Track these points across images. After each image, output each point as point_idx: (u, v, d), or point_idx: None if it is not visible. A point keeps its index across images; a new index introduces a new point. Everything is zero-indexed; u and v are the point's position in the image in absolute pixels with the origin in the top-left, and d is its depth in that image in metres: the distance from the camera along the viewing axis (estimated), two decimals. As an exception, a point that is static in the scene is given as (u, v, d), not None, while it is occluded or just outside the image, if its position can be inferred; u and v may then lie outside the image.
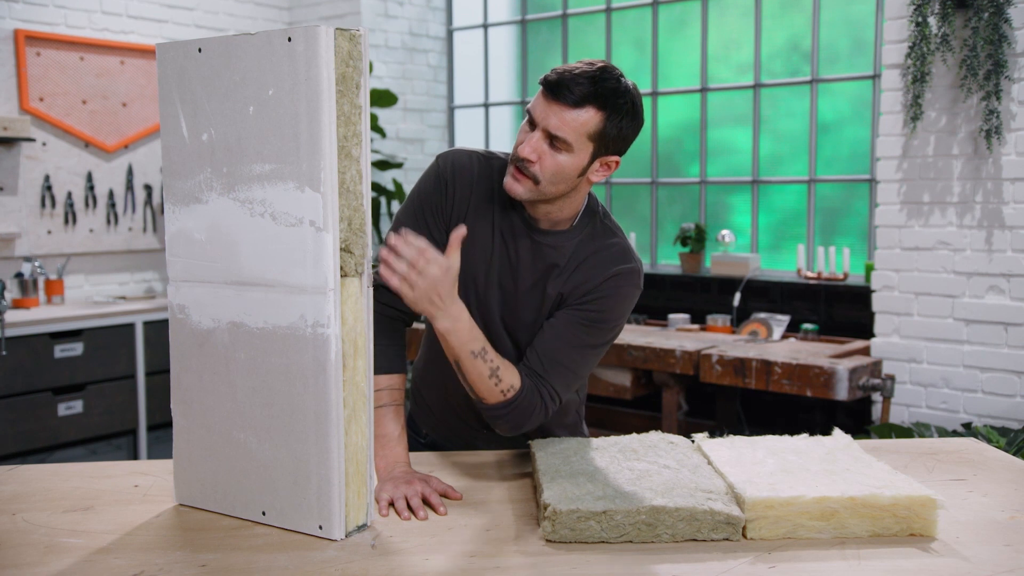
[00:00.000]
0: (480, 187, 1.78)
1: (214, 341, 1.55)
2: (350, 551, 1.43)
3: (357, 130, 1.47)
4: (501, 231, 1.78)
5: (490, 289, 1.80)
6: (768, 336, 4.23)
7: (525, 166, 1.65)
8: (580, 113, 1.61)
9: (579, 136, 1.62)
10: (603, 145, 1.65)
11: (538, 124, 1.63)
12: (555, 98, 1.61)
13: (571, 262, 1.77)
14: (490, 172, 1.79)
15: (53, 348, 4.19)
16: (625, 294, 1.75)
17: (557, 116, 1.61)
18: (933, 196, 3.78)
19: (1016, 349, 3.62)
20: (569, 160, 1.64)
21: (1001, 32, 3.49)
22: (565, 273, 1.77)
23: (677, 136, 5.09)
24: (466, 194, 1.78)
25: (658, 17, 5.03)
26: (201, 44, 1.51)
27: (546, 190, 1.67)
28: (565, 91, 1.60)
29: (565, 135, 1.61)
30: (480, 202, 1.78)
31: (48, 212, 4.65)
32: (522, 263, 1.78)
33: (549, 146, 1.63)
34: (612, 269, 1.74)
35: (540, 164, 1.64)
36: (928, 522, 1.47)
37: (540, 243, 1.77)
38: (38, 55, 4.57)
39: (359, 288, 1.50)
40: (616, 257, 1.76)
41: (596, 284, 1.74)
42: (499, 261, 1.79)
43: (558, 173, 1.64)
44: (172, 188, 1.58)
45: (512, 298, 1.80)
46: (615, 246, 1.77)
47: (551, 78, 1.62)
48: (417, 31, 5.71)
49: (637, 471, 1.63)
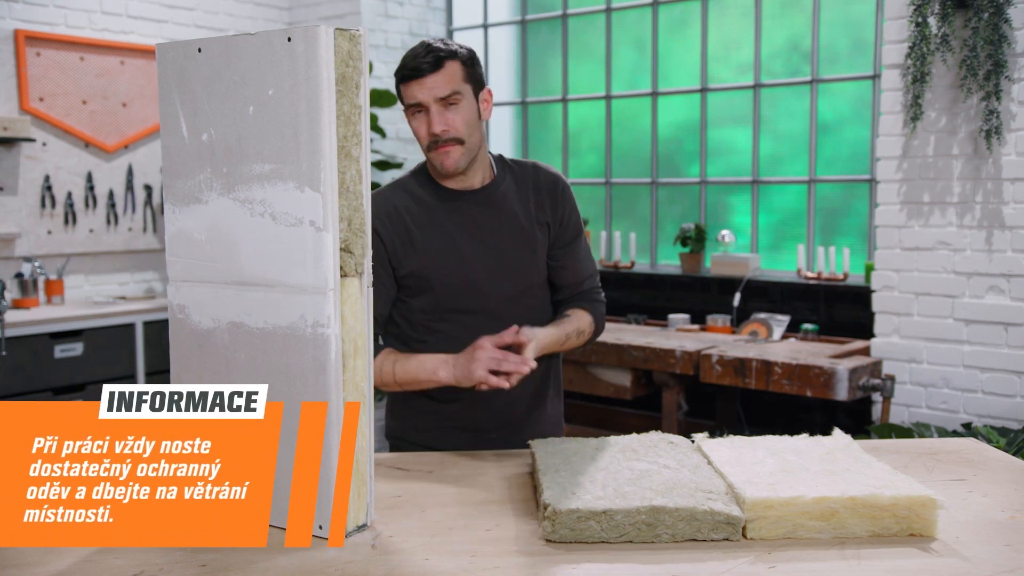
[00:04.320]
0: (411, 209, 2.00)
1: (214, 341, 1.55)
2: (350, 551, 1.43)
3: (357, 130, 1.47)
4: (455, 224, 1.99)
5: (484, 270, 1.99)
6: (768, 336, 4.23)
7: (445, 137, 1.91)
8: (446, 69, 1.89)
9: (460, 83, 1.91)
10: (475, 83, 1.95)
11: (426, 102, 1.90)
12: (425, 74, 1.89)
13: (521, 195, 2.04)
14: (407, 190, 2.03)
15: (53, 348, 4.19)
16: (568, 187, 2.11)
17: (434, 83, 1.89)
18: (933, 196, 3.78)
19: (1016, 349, 3.62)
20: (465, 107, 1.92)
21: (1001, 32, 3.49)
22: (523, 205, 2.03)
23: (677, 136, 5.09)
24: (401, 226, 1.99)
25: (658, 17, 5.03)
26: (201, 44, 1.51)
27: (471, 144, 1.94)
28: (427, 65, 1.89)
29: (451, 88, 1.89)
30: (421, 220, 1.99)
31: (48, 212, 4.65)
32: (488, 229, 2.01)
33: (447, 109, 1.90)
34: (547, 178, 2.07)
35: (452, 126, 1.91)
36: (928, 522, 1.47)
37: (486, 202, 2.01)
38: (38, 55, 4.57)
39: (359, 288, 1.50)
40: (540, 167, 2.09)
41: (554, 200, 2.05)
42: (472, 244, 1.99)
43: (469, 122, 1.93)
44: (172, 188, 1.58)
45: (505, 260, 2.01)
46: (529, 164, 2.10)
47: (411, 65, 1.90)
48: (417, 31, 5.71)
49: (637, 471, 1.63)
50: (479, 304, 2.00)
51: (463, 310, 2.00)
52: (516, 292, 2.03)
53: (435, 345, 2.00)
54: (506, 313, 2.00)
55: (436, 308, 2.00)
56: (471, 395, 1.99)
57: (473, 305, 2.00)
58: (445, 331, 2.00)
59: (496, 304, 2.01)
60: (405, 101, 1.93)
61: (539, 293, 2.08)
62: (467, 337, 1.92)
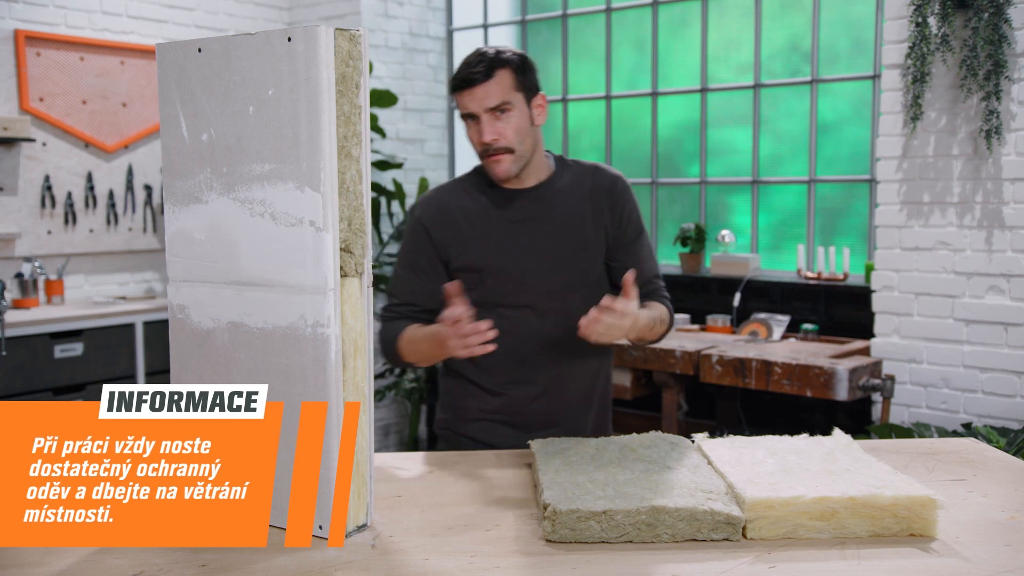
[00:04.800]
0: (462, 206, 2.05)
1: (214, 341, 1.55)
2: (350, 551, 1.43)
3: (357, 130, 1.47)
4: (506, 220, 2.03)
5: (532, 265, 2.02)
6: (768, 336, 4.23)
7: (496, 146, 1.95)
8: (497, 79, 1.93)
9: (510, 92, 1.94)
10: (526, 90, 1.98)
11: (477, 112, 1.94)
12: (475, 84, 1.93)
13: (577, 195, 2.05)
14: (461, 188, 2.08)
15: (53, 348, 4.19)
16: (629, 188, 2.11)
17: (484, 93, 1.93)
18: (933, 196, 3.77)
19: (1016, 349, 3.62)
20: (517, 116, 1.96)
21: (1001, 32, 3.49)
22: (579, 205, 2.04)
23: (677, 136, 5.09)
24: (451, 222, 2.04)
25: (658, 17, 5.03)
26: (201, 44, 1.51)
27: (521, 152, 1.98)
28: (478, 75, 1.93)
29: (502, 98, 1.93)
30: (472, 215, 2.04)
31: (48, 212, 4.65)
32: (538, 225, 2.03)
33: (498, 118, 1.94)
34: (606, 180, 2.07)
35: (504, 136, 1.95)
36: (928, 522, 1.47)
37: (539, 199, 2.04)
38: (38, 55, 4.57)
39: (359, 288, 1.50)
40: (601, 169, 2.11)
41: (612, 202, 2.06)
42: (522, 240, 2.02)
43: (519, 131, 1.96)
44: (172, 188, 1.58)
45: (555, 257, 2.03)
46: (590, 166, 2.11)
47: (462, 76, 1.94)
48: (417, 31, 5.71)
49: (637, 471, 1.63)
50: (526, 299, 2.03)
51: (510, 304, 2.03)
52: (565, 289, 2.04)
53: None
54: (554, 310, 2.03)
55: (485, 302, 2.03)
56: (519, 391, 2.06)
57: (520, 299, 2.03)
58: (494, 325, 2.01)
59: (544, 299, 2.03)
60: (460, 110, 1.99)
61: (592, 294, 2.05)
62: (515, 332, 2.01)
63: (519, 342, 2.04)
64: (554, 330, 2.04)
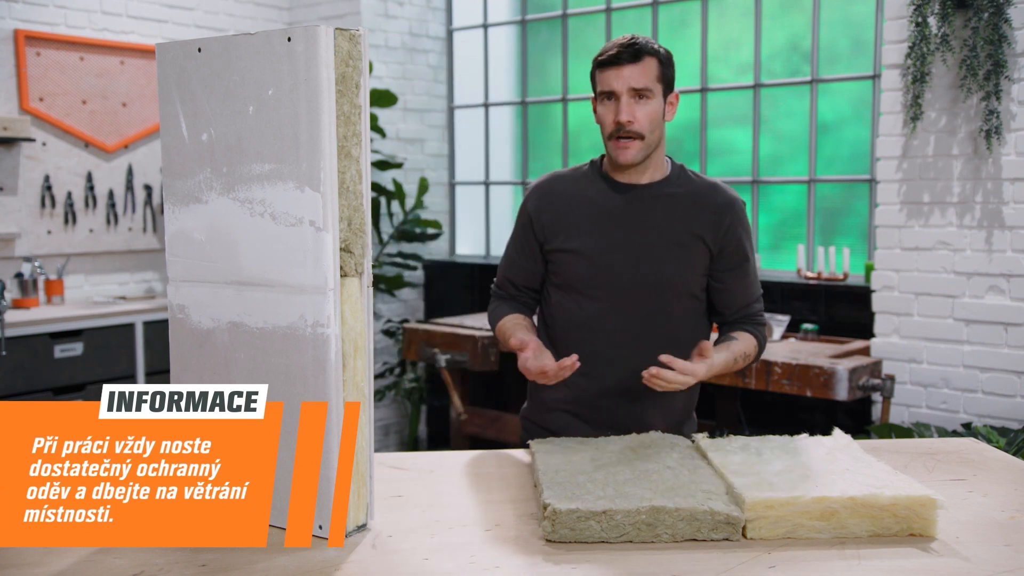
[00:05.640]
0: (569, 191, 2.07)
1: (214, 341, 1.55)
2: (350, 551, 1.43)
3: (357, 130, 1.47)
4: (608, 211, 2.03)
5: (623, 259, 2.01)
6: (768, 336, 4.23)
7: (628, 129, 1.94)
8: (644, 64, 1.93)
9: (653, 81, 1.95)
10: (666, 84, 1.98)
11: (619, 90, 1.93)
12: (623, 63, 1.93)
13: (687, 205, 2.03)
14: (575, 176, 2.09)
15: (53, 348, 4.19)
16: (742, 214, 2.09)
17: (631, 74, 1.93)
18: (933, 196, 3.77)
19: (1016, 349, 3.62)
20: (654, 105, 1.96)
21: (1001, 32, 3.49)
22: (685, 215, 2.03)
23: (677, 136, 5.09)
24: (553, 205, 2.07)
25: (658, 17, 5.03)
26: (201, 44, 1.51)
27: (650, 141, 1.97)
28: (627, 55, 1.93)
29: (646, 83, 1.93)
30: (577, 201, 2.05)
31: (48, 212, 4.65)
32: (638, 222, 2.02)
33: (637, 102, 1.94)
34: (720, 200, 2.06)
35: (638, 121, 1.94)
36: (928, 522, 1.47)
37: (646, 198, 2.03)
38: (38, 55, 4.57)
39: (359, 288, 1.50)
40: (719, 188, 2.09)
41: (719, 222, 2.04)
42: (618, 233, 2.02)
43: (653, 120, 1.96)
44: (172, 188, 1.58)
45: (647, 257, 2.01)
46: (709, 182, 2.09)
47: (612, 52, 1.94)
48: (417, 31, 5.71)
49: (637, 471, 1.63)
50: (609, 293, 2.02)
51: (592, 295, 2.03)
52: (649, 291, 2.01)
53: (564, 325, 2.07)
54: (636, 309, 2.02)
55: (569, 288, 2.05)
56: (589, 385, 2.05)
57: (602, 292, 2.02)
58: (573, 313, 2.05)
59: (626, 296, 2.02)
60: (598, 87, 1.98)
61: (681, 304, 2.04)
62: (592, 324, 2.03)
63: (595, 334, 2.03)
64: (632, 329, 2.02)
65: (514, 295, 2.17)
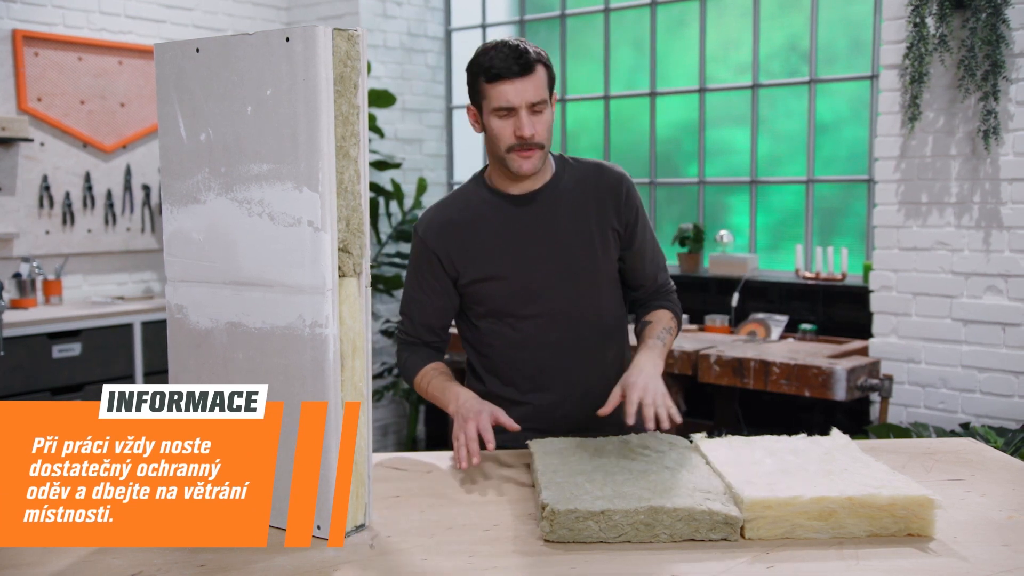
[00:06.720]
0: (465, 219, 2.01)
1: (212, 341, 1.55)
2: (349, 551, 1.43)
3: (355, 130, 1.47)
4: (512, 229, 1.99)
5: (543, 272, 1.99)
6: (766, 336, 4.23)
7: (532, 142, 1.90)
8: (536, 75, 1.89)
9: (544, 90, 1.91)
10: (551, 88, 1.95)
11: (517, 104, 1.88)
12: (515, 76, 1.86)
13: (582, 196, 2.01)
14: (463, 200, 2.03)
15: (51, 348, 4.19)
16: (631, 184, 2.07)
17: (526, 87, 1.87)
18: (931, 196, 3.78)
19: (1014, 349, 3.63)
20: (548, 112, 1.93)
21: (999, 33, 3.49)
22: (584, 207, 2.00)
23: (675, 136, 5.09)
24: (459, 240, 2.00)
25: (656, 17, 5.03)
26: (199, 44, 1.51)
27: (548, 149, 1.96)
28: (519, 68, 1.86)
29: (541, 96, 1.89)
30: (478, 227, 2.00)
31: (46, 212, 4.65)
32: (545, 231, 1.99)
33: (534, 114, 1.89)
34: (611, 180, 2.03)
35: (539, 132, 1.90)
36: (926, 522, 1.47)
37: (543, 204, 2.00)
38: (36, 55, 4.57)
39: (357, 288, 1.50)
40: (604, 167, 2.06)
41: (618, 203, 2.02)
42: (530, 247, 1.98)
43: (550, 127, 1.94)
44: (170, 188, 1.58)
45: (565, 261, 1.99)
46: (592, 164, 2.06)
47: (500, 66, 1.86)
48: (415, 31, 5.71)
49: (636, 471, 1.63)
50: (539, 308, 2.00)
51: (523, 315, 2.00)
52: (577, 295, 2.00)
53: (502, 350, 2.03)
54: (568, 316, 2.00)
55: (498, 313, 2.02)
56: (543, 400, 2.03)
57: (533, 309, 2.00)
58: (509, 336, 2.02)
59: (557, 307, 2.00)
60: (492, 103, 1.89)
61: (607, 293, 2.04)
62: (531, 342, 2.00)
63: (535, 352, 2.01)
64: (570, 336, 2.01)
65: (429, 341, 2.10)
